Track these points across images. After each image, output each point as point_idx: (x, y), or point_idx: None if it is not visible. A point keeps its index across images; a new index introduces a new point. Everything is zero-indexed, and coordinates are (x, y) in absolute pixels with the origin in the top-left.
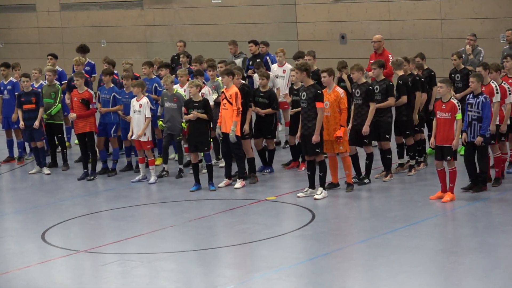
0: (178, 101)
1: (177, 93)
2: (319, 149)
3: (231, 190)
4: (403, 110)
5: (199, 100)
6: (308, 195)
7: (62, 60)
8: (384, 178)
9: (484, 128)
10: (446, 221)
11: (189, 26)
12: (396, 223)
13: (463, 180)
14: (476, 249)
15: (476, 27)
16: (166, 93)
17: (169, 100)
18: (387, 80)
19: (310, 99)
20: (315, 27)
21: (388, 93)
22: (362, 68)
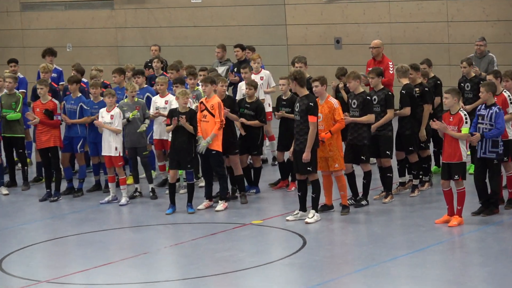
0: (140, 109)
1: (139, 100)
2: (311, 168)
3: (212, 212)
4: (407, 123)
5: (186, 112)
6: (299, 219)
7: (23, 66)
8: (384, 199)
9: (492, 133)
10: (453, 248)
11: (165, 29)
12: (397, 250)
13: (472, 202)
14: (487, 279)
15: (486, 30)
16: (126, 103)
17: (130, 109)
18: (386, 90)
19: (303, 111)
20: (306, 30)
21: (388, 104)
22: (359, 75)
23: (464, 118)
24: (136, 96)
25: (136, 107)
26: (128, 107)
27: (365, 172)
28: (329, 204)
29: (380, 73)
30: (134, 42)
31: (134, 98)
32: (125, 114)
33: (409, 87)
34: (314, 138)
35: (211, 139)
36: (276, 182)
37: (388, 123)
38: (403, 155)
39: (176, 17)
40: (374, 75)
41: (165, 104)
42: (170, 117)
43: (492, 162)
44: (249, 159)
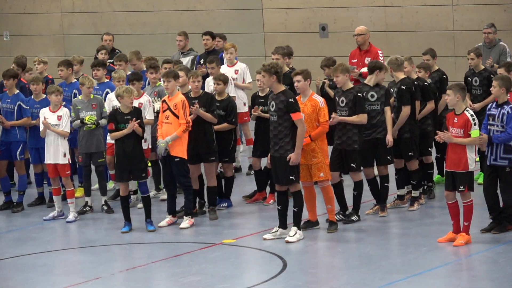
0: (97, 107)
1: (95, 97)
2: (294, 177)
3: (176, 230)
4: (406, 125)
5: (129, 111)
6: (278, 237)
7: None
8: (380, 213)
9: (500, 138)
10: (459, 270)
11: (120, 14)
12: (394, 274)
13: (481, 217)
14: None
15: (498, 15)
16: (80, 100)
17: (85, 108)
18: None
19: (280, 110)
20: (286, 15)
21: (386, 102)
22: (349, 69)
23: (471, 119)
24: (93, 93)
25: (92, 105)
26: (83, 105)
27: (355, 182)
28: (314, 220)
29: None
30: (83, 29)
31: (90, 95)
32: (79, 114)
33: (408, 82)
34: (303, 138)
35: (171, 139)
36: (252, 194)
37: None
38: (402, 163)
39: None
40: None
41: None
42: (113, 120)
43: (504, 170)
44: (220, 167)
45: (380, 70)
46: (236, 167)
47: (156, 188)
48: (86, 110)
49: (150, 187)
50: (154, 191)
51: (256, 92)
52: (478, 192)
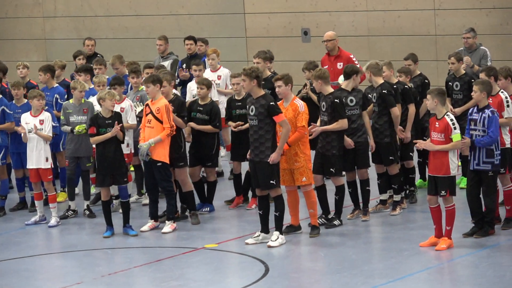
0: (88, 112)
1: (86, 102)
2: (274, 181)
3: (158, 235)
4: (386, 129)
5: (110, 116)
6: (260, 242)
7: None
8: (362, 217)
9: (482, 142)
10: (441, 275)
11: (102, 18)
12: (376, 278)
13: (464, 221)
14: None
15: (480, 20)
16: (70, 104)
17: (76, 112)
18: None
19: (261, 114)
20: (269, 19)
21: (364, 106)
22: (328, 74)
23: (451, 123)
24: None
25: (83, 110)
26: (74, 109)
27: (337, 187)
28: (296, 224)
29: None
30: (65, 34)
31: (82, 99)
32: (69, 118)
33: (388, 85)
34: (287, 138)
35: (155, 142)
36: (233, 198)
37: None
38: (384, 168)
39: (114, 4)
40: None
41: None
42: (94, 125)
43: (487, 174)
44: (202, 171)
45: (356, 75)
46: (218, 171)
47: (138, 193)
48: (77, 114)
49: (132, 192)
50: (136, 196)
51: (233, 95)
52: (461, 197)
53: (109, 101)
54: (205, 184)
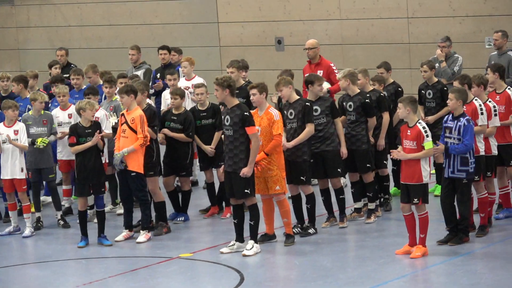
0: (48, 123)
1: (46, 113)
2: (249, 190)
3: (132, 244)
4: (363, 137)
5: (89, 125)
6: (235, 251)
7: None
8: (340, 223)
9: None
10: (416, 283)
11: (76, 28)
12: (351, 286)
13: (438, 229)
14: None
15: (453, 28)
16: (30, 115)
17: (35, 124)
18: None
19: (236, 124)
20: (242, 29)
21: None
22: (291, 81)
23: (423, 131)
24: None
25: (43, 121)
26: (33, 121)
27: (307, 195)
28: (271, 233)
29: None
30: (38, 44)
31: (41, 111)
32: (29, 130)
33: (364, 94)
34: (258, 152)
35: (128, 151)
36: (208, 208)
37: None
38: (357, 176)
39: (88, 14)
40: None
41: (68, 118)
42: (74, 134)
43: (462, 182)
44: (177, 181)
45: (312, 84)
46: (193, 181)
47: (113, 203)
48: (36, 126)
49: (107, 202)
50: (111, 206)
51: (195, 105)
52: (435, 204)
53: (89, 111)
54: (180, 194)
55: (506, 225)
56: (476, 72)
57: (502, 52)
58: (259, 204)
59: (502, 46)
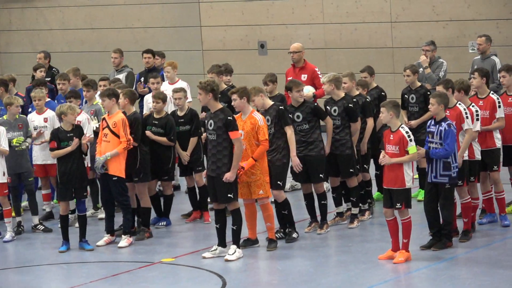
0: (24, 127)
1: (21, 117)
2: (232, 195)
3: (114, 249)
4: (347, 141)
5: (71, 129)
6: (217, 256)
7: None
8: (318, 230)
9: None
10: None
11: (58, 32)
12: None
13: (422, 234)
14: None
15: (437, 33)
16: (5, 120)
17: (11, 128)
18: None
19: (219, 128)
20: (225, 32)
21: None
22: (261, 89)
23: (407, 135)
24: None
25: (18, 125)
26: (9, 126)
27: (281, 202)
28: (253, 238)
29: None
30: (20, 47)
31: (16, 115)
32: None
33: (349, 99)
34: (241, 156)
35: (111, 155)
36: (190, 212)
37: (319, 141)
38: (338, 181)
39: (70, 18)
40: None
41: (44, 122)
42: (55, 139)
43: (444, 187)
44: (158, 185)
45: (291, 91)
46: (175, 185)
47: (94, 207)
48: (12, 130)
49: (88, 206)
50: (92, 210)
51: (175, 110)
52: (418, 209)
53: (70, 115)
54: (162, 198)
55: (489, 230)
56: (459, 76)
57: (486, 57)
58: (242, 208)
59: (486, 51)
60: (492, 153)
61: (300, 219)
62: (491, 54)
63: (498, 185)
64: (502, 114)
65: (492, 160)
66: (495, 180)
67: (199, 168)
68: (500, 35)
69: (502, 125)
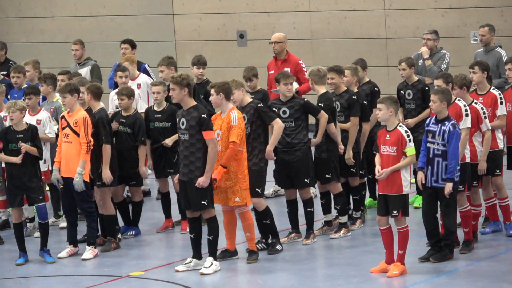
0: None
1: None
2: (206, 201)
3: (77, 261)
4: (322, 144)
5: (23, 129)
6: (192, 269)
7: None
8: (304, 240)
9: (451, 169)
10: None
11: (14, 20)
12: None
13: (418, 245)
14: None
15: (435, 21)
16: None
17: None
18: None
19: (192, 128)
20: (200, 21)
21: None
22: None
23: (406, 135)
24: None
25: None
26: None
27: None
28: (232, 249)
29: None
30: None
31: None
32: None
33: (328, 97)
34: (215, 160)
35: (82, 168)
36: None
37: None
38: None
39: (28, 5)
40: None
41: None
42: (2, 140)
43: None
44: (126, 191)
45: (278, 83)
46: (145, 191)
47: (55, 215)
48: None
49: (49, 214)
50: (53, 218)
51: (152, 106)
52: (414, 217)
53: (12, 113)
54: (130, 205)
55: (493, 240)
56: (460, 70)
57: (490, 49)
58: (219, 217)
59: (489, 42)
60: (494, 155)
61: (284, 228)
62: (496, 46)
63: (502, 191)
64: (504, 112)
65: (495, 163)
66: (498, 186)
67: (171, 170)
68: (505, 24)
69: (503, 124)
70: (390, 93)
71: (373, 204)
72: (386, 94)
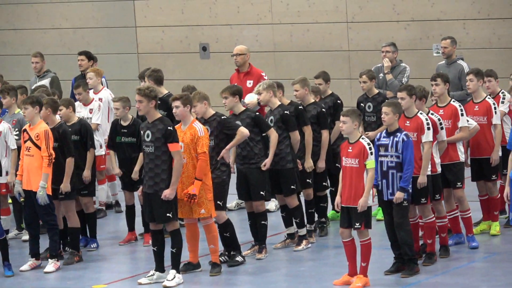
0: None
1: None
2: (171, 214)
3: (39, 275)
4: (287, 154)
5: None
6: (155, 282)
7: None
8: (257, 255)
9: (406, 178)
10: None
11: None
12: None
13: (381, 257)
14: None
15: (398, 34)
16: None
17: None
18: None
19: (158, 140)
20: (163, 34)
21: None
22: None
23: (368, 147)
24: None
25: None
26: None
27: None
28: (195, 261)
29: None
30: None
31: None
32: None
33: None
34: (181, 172)
35: (45, 182)
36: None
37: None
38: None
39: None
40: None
41: None
42: None
43: (401, 205)
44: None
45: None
46: (107, 203)
47: (18, 227)
48: None
49: (12, 226)
50: (16, 231)
51: (117, 120)
52: (377, 229)
53: None
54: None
55: (455, 253)
56: (422, 82)
57: (452, 61)
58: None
59: (451, 55)
60: (455, 167)
61: (247, 240)
62: (458, 58)
63: (464, 203)
64: (465, 123)
65: (456, 175)
66: (459, 198)
67: (139, 186)
68: (467, 37)
69: (465, 136)
70: (353, 105)
71: (335, 217)
72: (349, 107)
